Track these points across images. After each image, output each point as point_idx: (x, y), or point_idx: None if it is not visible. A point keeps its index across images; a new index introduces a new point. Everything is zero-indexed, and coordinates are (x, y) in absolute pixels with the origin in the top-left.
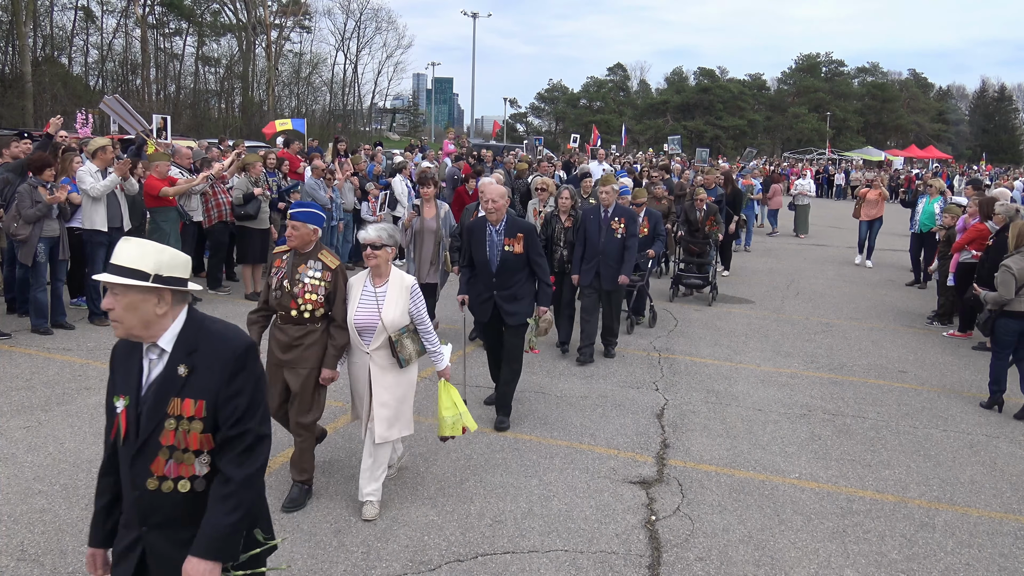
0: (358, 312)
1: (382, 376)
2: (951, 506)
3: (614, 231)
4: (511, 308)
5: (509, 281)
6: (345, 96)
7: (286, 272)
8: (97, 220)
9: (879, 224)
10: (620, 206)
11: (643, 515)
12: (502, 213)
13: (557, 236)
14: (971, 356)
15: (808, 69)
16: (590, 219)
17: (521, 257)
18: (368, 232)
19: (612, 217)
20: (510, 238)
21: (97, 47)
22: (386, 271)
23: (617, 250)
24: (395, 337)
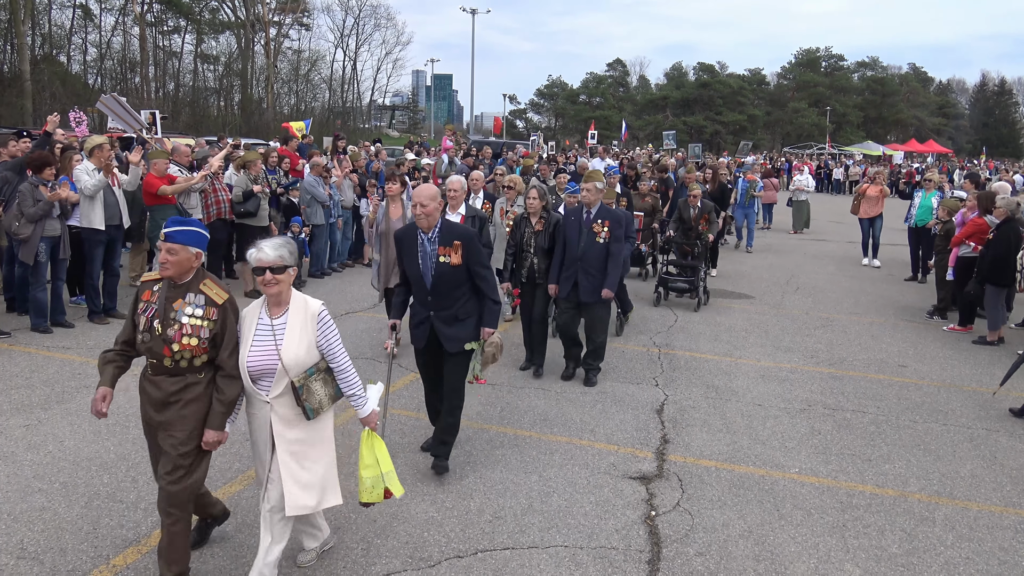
0: (252, 352)
1: (286, 431)
2: (951, 500)
3: (596, 235)
4: (450, 331)
5: (448, 299)
6: (344, 93)
7: (157, 309)
8: (95, 219)
9: (880, 221)
10: (605, 207)
11: (643, 510)
12: (434, 218)
13: (527, 241)
14: (971, 350)
15: (808, 64)
16: (570, 221)
17: (460, 269)
18: (264, 251)
19: (595, 219)
20: (445, 247)
21: (96, 45)
22: (286, 297)
23: (599, 257)
24: (299, 381)
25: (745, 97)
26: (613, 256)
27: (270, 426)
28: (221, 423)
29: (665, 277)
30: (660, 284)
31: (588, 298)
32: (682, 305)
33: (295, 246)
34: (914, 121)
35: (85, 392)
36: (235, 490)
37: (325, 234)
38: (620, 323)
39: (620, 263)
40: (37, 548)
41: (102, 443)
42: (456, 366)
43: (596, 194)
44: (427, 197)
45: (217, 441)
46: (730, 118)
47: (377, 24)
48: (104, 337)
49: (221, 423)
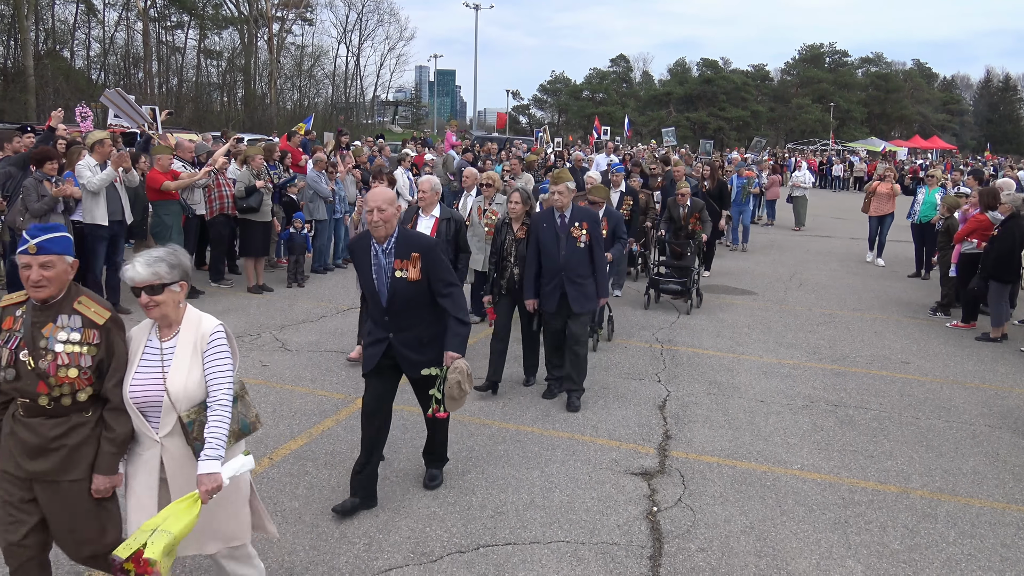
0: (136, 381)
1: (178, 472)
2: (953, 497)
3: (575, 239)
4: (414, 356)
5: (408, 319)
6: (347, 89)
7: (23, 338)
8: (98, 214)
9: (890, 220)
10: (580, 208)
11: (645, 506)
12: (391, 226)
13: (508, 249)
14: (974, 347)
15: (811, 60)
16: (542, 228)
17: (419, 286)
18: (136, 268)
19: (571, 223)
20: (401, 259)
21: (99, 41)
22: (176, 317)
23: (583, 262)
24: (189, 416)
25: (749, 93)
26: (597, 260)
27: (159, 469)
28: (112, 466)
29: (656, 278)
30: (651, 286)
31: (581, 308)
32: (683, 302)
33: (179, 257)
34: (918, 117)
35: None
36: None
37: (328, 229)
38: (610, 329)
39: (604, 265)
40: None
41: None
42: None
43: (568, 195)
44: (383, 201)
45: (108, 488)
46: (733, 114)
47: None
48: None
49: (112, 466)
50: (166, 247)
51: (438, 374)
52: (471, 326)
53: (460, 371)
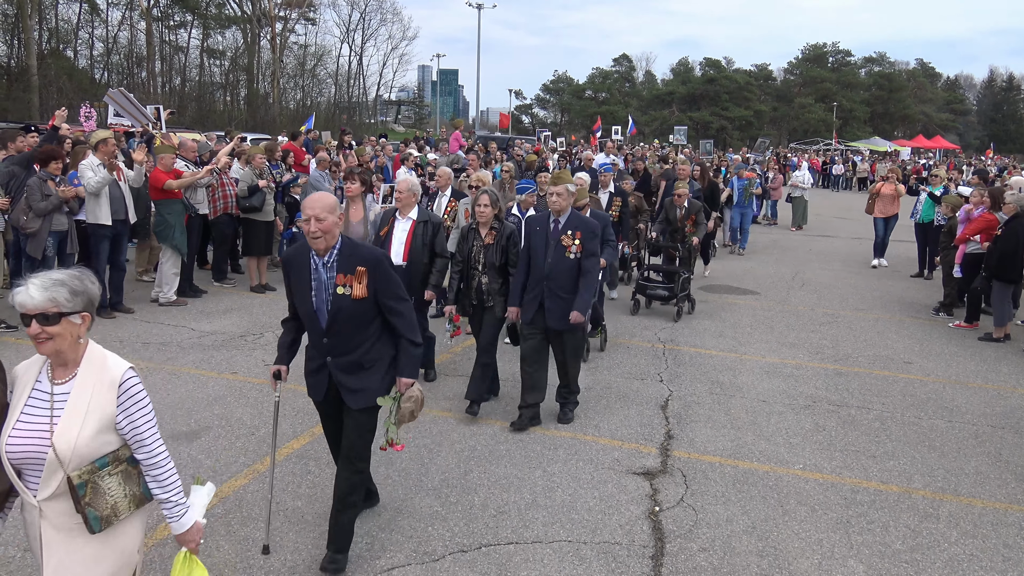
0: (16, 432)
1: (59, 546)
2: (955, 497)
3: (565, 248)
4: (354, 383)
5: (349, 341)
6: (350, 88)
7: None
8: (101, 214)
9: (895, 222)
10: (577, 215)
11: (647, 506)
12: (332, 237)
13: (475, 257)
14: (977, 347)
15: (815, 59)
16: (535, 232)
17: (365, 304)
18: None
19: (564, 230)
20: (345, 274)
21: (102, 40)
22: (73, 355)
23: (569, 275)
24: (80, 477)
25: (751, 92)
26: (586, 274)
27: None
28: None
29: (644, 284)
30: (638, 291)
31: (558, 324)
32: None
33: (85, 283)
34: (921, 117)
35: None
36: (240, 484)
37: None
38: (602, 338)
39: (595, 282)
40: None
41: None
42: (359, 427)
43: (567, 199)
44: (321, 208)
45: None
46: (736, 114)
47: (383, 19)
48: (109, 331)
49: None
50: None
51: (395, 398)
52: (423, 347)
53: (415, 400)
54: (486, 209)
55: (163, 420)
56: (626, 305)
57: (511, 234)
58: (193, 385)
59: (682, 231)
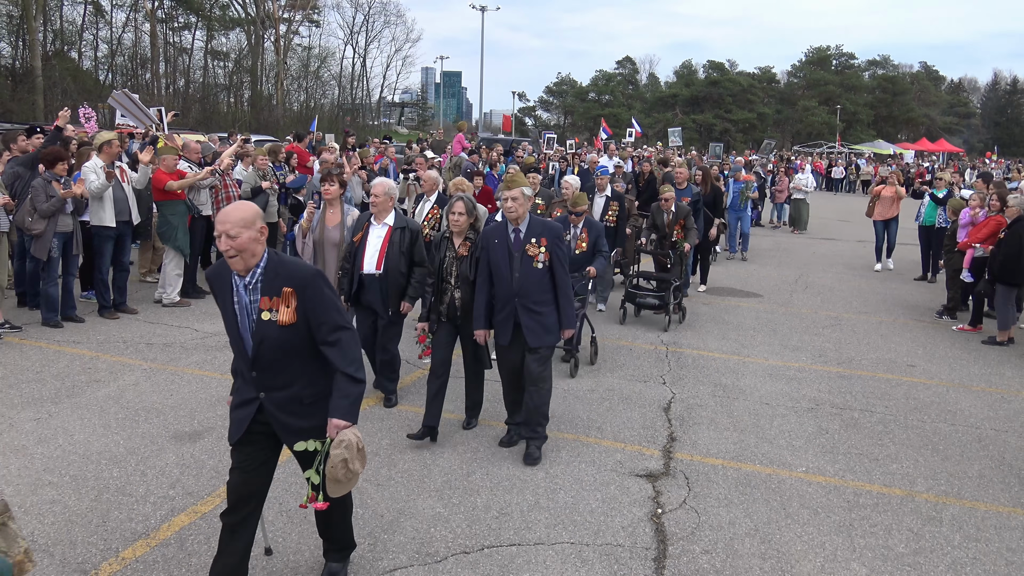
0: None
1: None
2: (959, 500)
3: (532, 259)
4: (291, 421)
5: (280, 373)
6: (354, 90)
7: None
8: (105, 216)
9: (896, 225)
10: (538, 220)
11: (649, 508)
12: (249, 253)
13: (447, 269)
14: (980, 350)
15: (818, 62)
16: (493, 245)
17: (294, 331)
18: None
19: (527, 239)
20: (269, 296)
21: (107, 41)
22: None
23: (541, 287)
24: None
25: (755, 95)
26: (561, 285)
27: None
28: None
29: (633, 291)
30: (627, 299)
31: (538, 341)
32: (688, 303)
33: None
34: (925, 120)
35: (95, 386)
36: None
37: None
38: (595, 347)
39: (570, 289)
40: (47, 540)
41: (112, 437)
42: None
43: (524, 204)
44: (235, 222)
45: None
46: (740, 116)
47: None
48: (114, 332)
49: None
50: None
51: (318, 449)
52: (364, 384)
53: (348, 446)
54: (460, 217)
55: (166, 420)
56: (616, 314)
57: None
58: (196, 386)
59: (671, 237)
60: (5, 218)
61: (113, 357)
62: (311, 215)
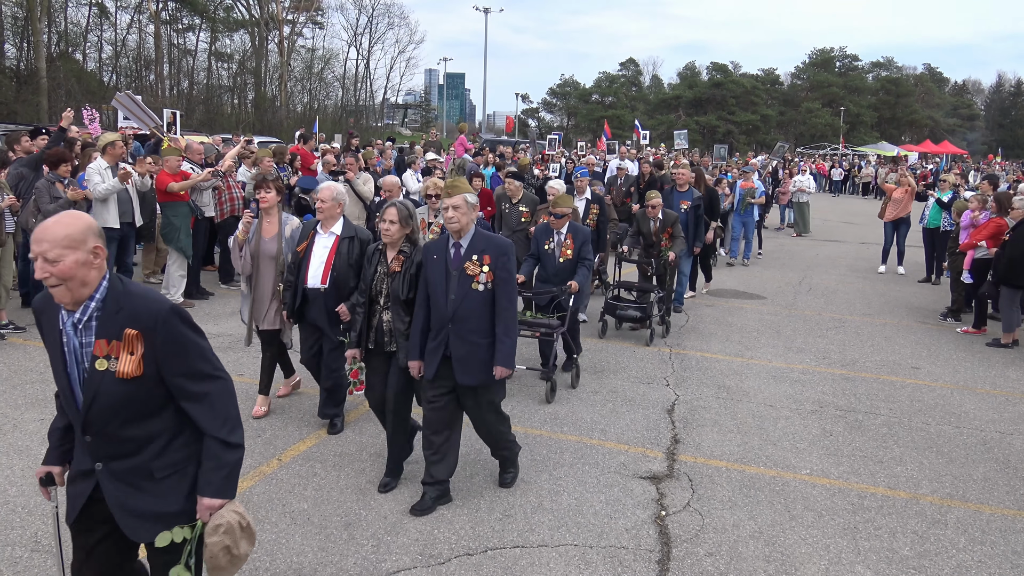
0: None
1: None
2: (964, 503)
3: (471, 279)
4: (137, 502)
5: (122, 439)
6: (357, 91)
7: None
8: (108, 217)
9: (906, 227)
10: (484, 234)
11: (653, 510)
12: (79, 287)
13: (377, 287)
14: (985, 352)
15: (822, 64)
16: (432, 261)
17: (141, 385)
18: None
19: (468, 255)
20: (108, 339)
21: (111, 43)
22: None
23: (480, 312)
24: None
25: (758, 97)
26: (504, 311)
27: None
28: None
29: (613, 303)
30: (607, 311)
31: (469, 378)
32: (692, 305)
33: None
34: (929, 122)
35: None
36: (247, 486)
37: None
38: (574, 371)
39: (514, 319)
40: (50, 542)
41: None
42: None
43: (467, 213)
44: (53, 242)
45: None
46: (743, 118)
47: (390, 23)
48: None
49: None
50: None
51: (187, 539)
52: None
53: (229, 530)
54: (392, 227)
55: None
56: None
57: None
58: None
59: (657, 245)
60: (10, 219)
61: None
62: (248, 225)
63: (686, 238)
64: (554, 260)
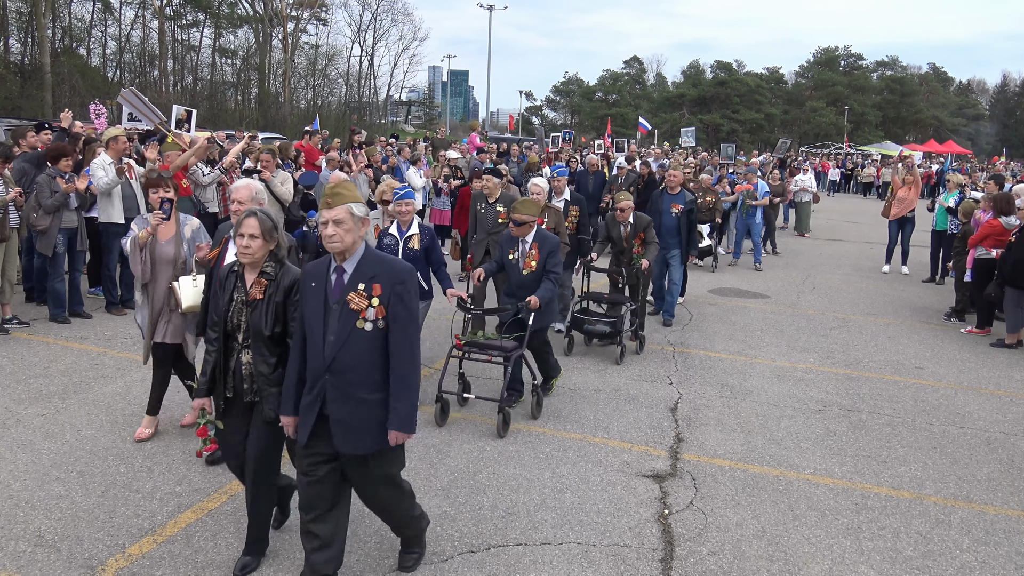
0: None
1: None
2: (967, 503)
3: (355, 314)
4: None
5: None
6: (361, 88)
7: None
8: (113, 212)
9: (911, 227)
10: (375, 256)
11: (656, 509)
12: None
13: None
14: (989, 353)
15: (826, 63)
16: (309, 290)
17: None
18: None
19: (353, 283)
20: None
21: (115, 39)
22: None
23: (368, 359)
24: None
25: (762, 95)
26: (396, 358)
27: None
28: None
29: (580, 317)
30: (574, 326)
31: (351, 446)
32: (696, 304)
33: None
34: (933, 121)
35: (102, 382)
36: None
37: None
38: (535, 399)
39: (413, 368)
40: (54, 536)
41: (119, 433)
42: None
43: (352, 230)
44: None
45: None
46: (747, 116)
47: (394, 20)
48: (121, 328)
49: None
50: None
51: None
52: None
53: None
54: (252, 242)
55: (174, 416)
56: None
57: (295, 284)
58: None
59: (627, 252)
60: (15, 214)
61: (120, 353)
62: (155, 227)
63: (679, 243)
64: (518, 271)
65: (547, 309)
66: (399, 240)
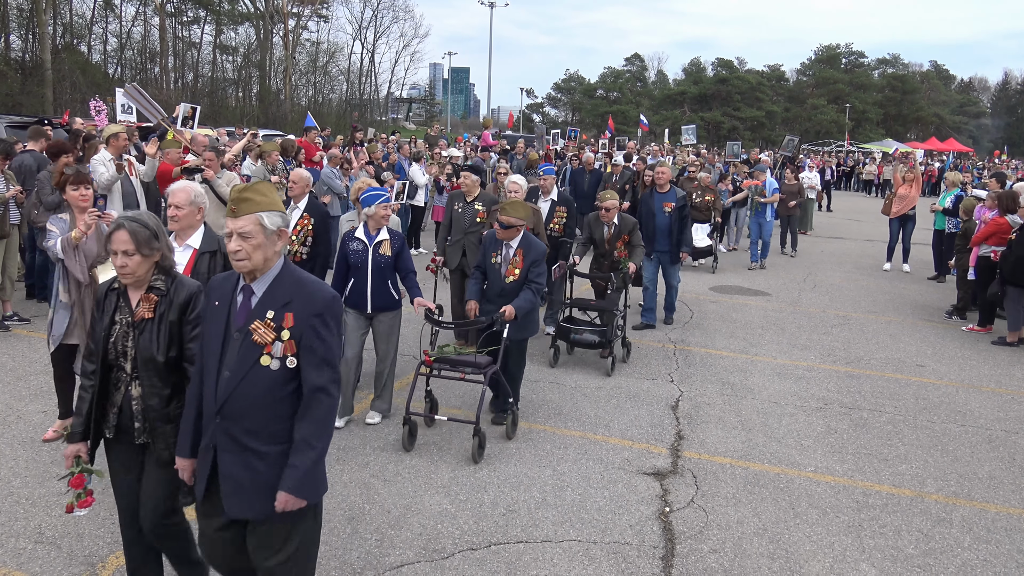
0: None
1: None
2: (969, 502)
3: (259, 348)
4: None
5: None
6: (362, 85)
7: None
8: (113, 210)
9: (912, 225)
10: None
11: (657, 506)
12: None
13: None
14: (990, 351)
15: (827, 60)
16: (211, 309)
17: None
18: None
19: (261, 309)
20: None
21: (116, 35)
22: None
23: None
24: None
25: (763, 93)
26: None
27: None
28: None
29: (566, 326)
30: (560, 335)
31: (237, 509)
32: (697, 302)
33: None
34: (934, 119)
35: None
36: None
37: (339, 225)
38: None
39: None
40: (55, 533)
41: None
42: None
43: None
44: None
45: None
46: (748, 114)
47: (395, 17)
48: None
49: None
50: None
51: None
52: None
53: None
54: (128, 261)
55: None
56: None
57: (192, 299)
58: None
59: (610, 255)
60: (16, 210)
61: None
62: (90, 227)
63: (671, 242)
64: (500, 278)
65: (525, 320)
66: (368, 245)
